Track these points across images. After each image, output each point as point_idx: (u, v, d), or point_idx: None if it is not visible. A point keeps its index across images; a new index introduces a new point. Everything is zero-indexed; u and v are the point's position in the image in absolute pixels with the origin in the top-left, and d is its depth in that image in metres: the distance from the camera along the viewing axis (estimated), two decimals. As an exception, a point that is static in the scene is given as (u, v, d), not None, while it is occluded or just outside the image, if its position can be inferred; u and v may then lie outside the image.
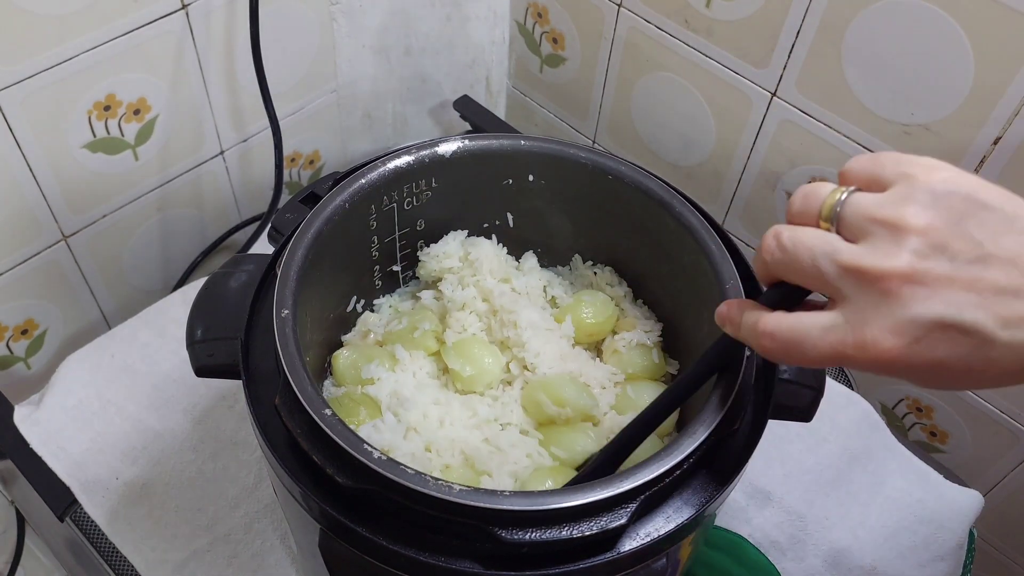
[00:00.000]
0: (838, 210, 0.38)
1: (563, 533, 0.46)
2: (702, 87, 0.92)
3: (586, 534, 0.46)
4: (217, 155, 0.96)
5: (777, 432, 0.82)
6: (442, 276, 0.67)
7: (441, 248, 0.67)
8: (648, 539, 0.49)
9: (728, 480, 0.51)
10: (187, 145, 0.92)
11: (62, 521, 0.77)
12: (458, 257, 0.67)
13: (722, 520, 0.79)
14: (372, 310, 0.69)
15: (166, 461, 0.79)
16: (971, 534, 0.82)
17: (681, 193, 0.61)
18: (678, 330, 0.66)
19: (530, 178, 0.65)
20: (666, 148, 1.01)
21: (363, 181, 0.60)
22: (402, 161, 0.61)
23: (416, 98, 1.12)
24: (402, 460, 0.48)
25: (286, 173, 1.06)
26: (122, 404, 0.81)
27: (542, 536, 0.46)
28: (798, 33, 0.81)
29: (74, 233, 0.88)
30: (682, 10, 0.89)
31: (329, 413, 0.48)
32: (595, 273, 0.70)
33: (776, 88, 0.86)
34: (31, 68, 0.75)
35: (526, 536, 0.46)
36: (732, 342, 0.46)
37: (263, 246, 0.98)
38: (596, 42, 1.00)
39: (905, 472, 0.83)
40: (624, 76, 1.00)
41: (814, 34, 0.80)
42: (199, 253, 1.02)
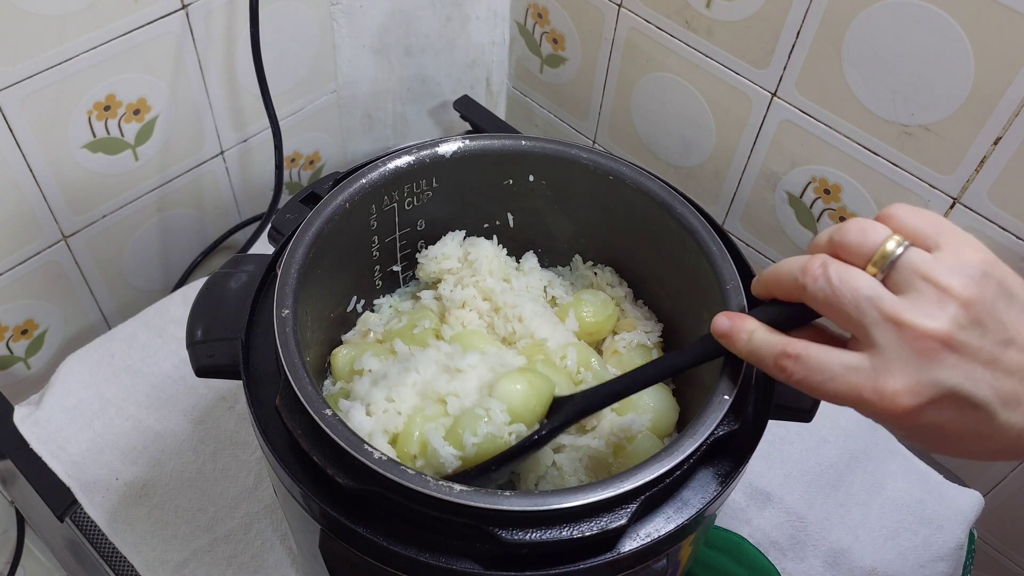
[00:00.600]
0: (892, 260, 0.40)
1: (563, 533, 0.46)
2: (702, 87, 0.92)
3: (586, 534, 0.46)
4: (217, 155, 0.96)
5: (777, 432, 0.82)
6: (441, 277, 0.67)
7: (439, 250, 0.67)
8: (648, 539, 0.49)
9: (728, 480, 0.51)
10: (187, 145, 0.92)
11: (62, 521, 0.77)
12: (457, 258, 0.67)
13: (722, 520, 0.79)
14: (372, 310, 0.69)
15: (166, 461, 0.79)
16: (971, 535, 0.82)
17: (681, 194, 0.61)
18: (678, 331, 0.66)
19: (530, 178, 0.65)
20: (666, 148, 1.01)
21: (363, 181, 0.60)
22: (402, 161, 0.61)
23: (416, 98, 1.12)
24: (364, 416, 0.49)
25: (286, 173, 1.06)
26: (122, 404, 0.81)
27: (542, 536, 0.46)
28: (798, 33, 0.81)
29: (74, 233, 0.88)
30: (682, 10, 0.89)
31: (329, 413, 0.48)
32: (595, 273, 0.70)
33: (776, 88, 0.86)
34: (31, 68, 0.75)
35: (526, 536, 0.46)
36: (716, 349, 0.47)
37: (263, 246, 0.98)
38: (596, 42, 1.00)
39: (905, 472, 0.83)
40: (624, 76, 1.00)
41: (814, 34, 0.80)
42: (199, 253, 1.02)
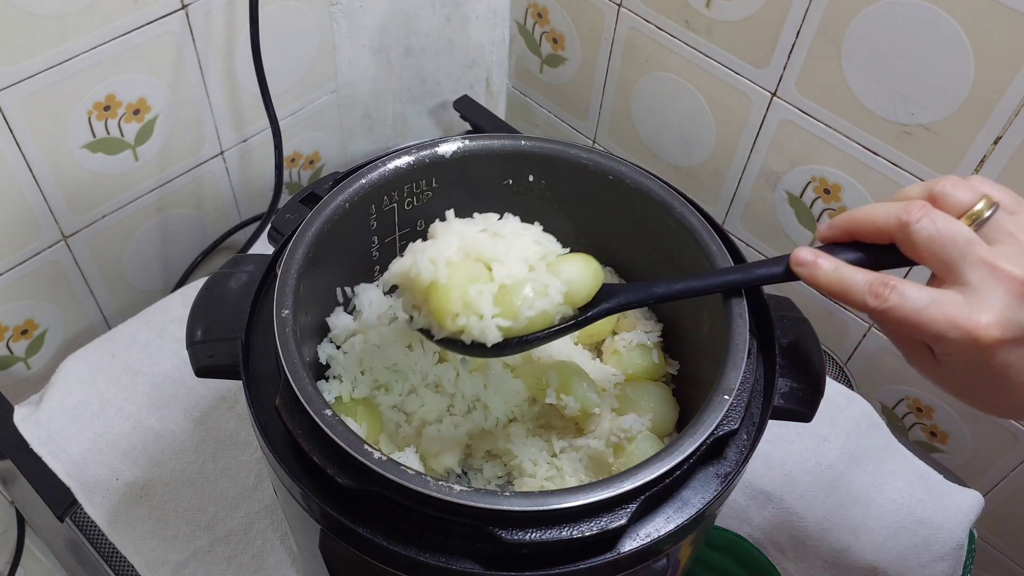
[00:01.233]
0: (984, 218, 0.46)
1: (563, 533, 0.46)
2: (702, 87, 0.92)
3: (586, 534, 0.46)
4: (217, 155, 0.96)
5: (777, 432, 0.82)
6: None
7: None
8: (648, 539, 0.49)
9: (728, 480, 0.51)
10: (187, 145, 0.92)
11: (62, 521, 0.77)
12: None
13: (722, 520, 0.79)
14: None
15: (166, 461, 0.79)
16: (971, 534, 0.82)
17: (681, 193, 0.61)
18: (678, 330, 0.66)
19: (530, 178, 0.65)
20: (666, 148, 1.01)
21: (363, 181, 0.60)
22: (402, 161, 0.61)
23: (416, 98, 1.12)
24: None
25: (286, 173, 1.06)
26: (122, 404, 0.81)
27: (542, 536, 0.46)
28: (798, 33, 0.81)
29: (74, 233, 0.88)
30: (682, 10, 0.89)
31: (329, 413, 0.48)
32: (595, 273, 0.70)
33: (776, 88, 0.86)
34: (31, 68, 0.75)
35: (526, 536, 0.46)
36: (778, 276, 0.52)
37: (263, 246, 0.98)
38: (596, 42, 1.00)
39: (905, 472, 0.83)
40: (624, 76, 1.00)
41: (814, 34, 0.80)
42: (199, 253, 1.02)
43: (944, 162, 0.78)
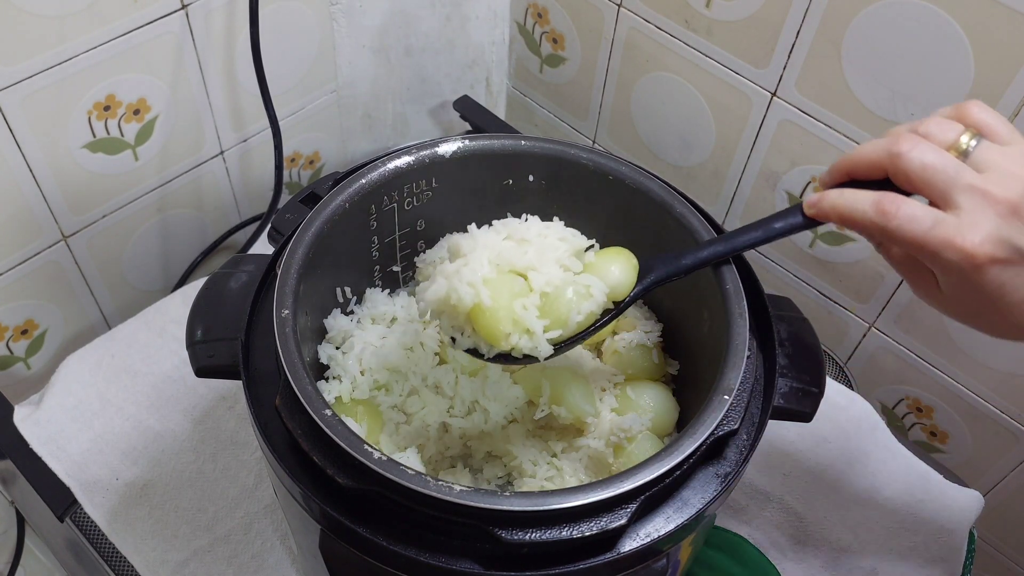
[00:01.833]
0: (970, 148, 0.48)
1: (563, 533, 0.46)
2: (702, 87, 0.92)
3: (586, 534, 0.46)
4: (217, 155, 0.96)
5: (777, 432, 0.82)
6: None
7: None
8: (648, 539, 0.49)
9: (728, 480, 0.51)
10: (187, 145, 0.92)
11: (62, 521, 0.77)
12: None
13: (722, 520, 0.79)
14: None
15: (166, 461, 0.79)
16: (971, 534, 0.82)
17: (681, 193, 0.61)
18: (678, 330, 0.66)
19: (530, 178, 0.65)
20: (666, 148, 1.01)
21: (363, 181, 0.60)
22: (402, 161, 0.61)
23: (416, 98, 1.12)
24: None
25: (286, 173, 1.06)
26: (122, 404, 0.81)
27: (542, 536, 0.46)
28: (798, 33, 0.81)
29: (74, 233, 0.88)
30: (682, 10, 0.89)
31: (329, 413, 0.48)
32: (595, 273, 0.70)
33: (776, 88, 0.86)
34: (31, 68, 0.75)
35: (526, 536, 0.46)
36: (795, 225, 0.54)
37: (263, 246, 0.98)
38: (596, 42, 1.00)
39: (905, 472, 0.83)
40: (624, 76, 1.00)
41: (814, 34, 0.80)
42: (199, 253, 1.02)
43: (944, 162, 0.78)
